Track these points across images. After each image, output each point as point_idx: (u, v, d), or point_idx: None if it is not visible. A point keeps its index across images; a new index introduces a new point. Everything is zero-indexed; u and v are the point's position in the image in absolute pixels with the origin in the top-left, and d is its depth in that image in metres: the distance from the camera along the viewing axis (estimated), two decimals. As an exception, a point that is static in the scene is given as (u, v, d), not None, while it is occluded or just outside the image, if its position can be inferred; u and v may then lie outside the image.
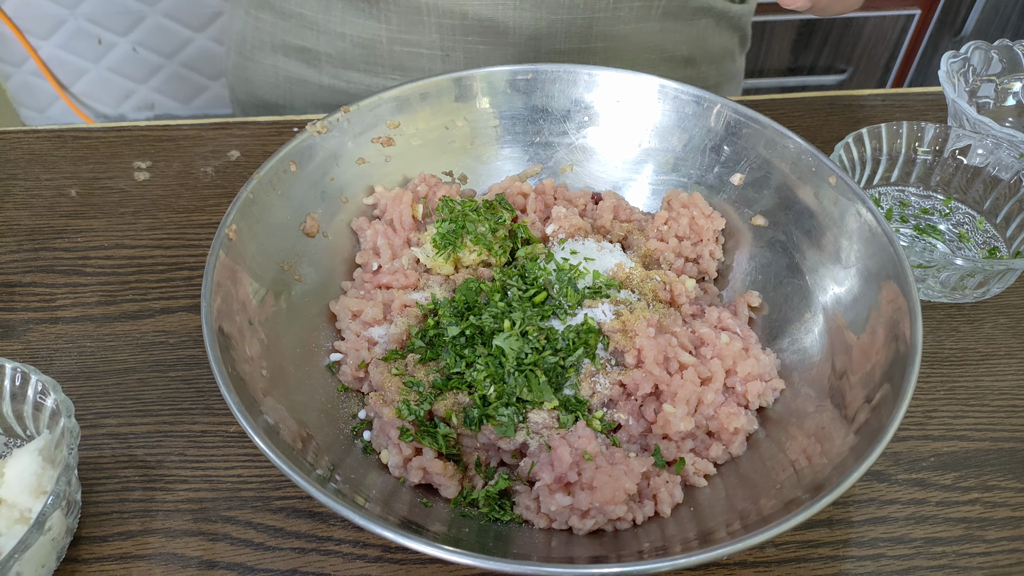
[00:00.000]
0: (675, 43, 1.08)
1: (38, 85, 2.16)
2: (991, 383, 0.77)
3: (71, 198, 0.92)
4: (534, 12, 0.98)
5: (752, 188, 0.79)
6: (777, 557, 0.65)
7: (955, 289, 0.80)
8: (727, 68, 1.18)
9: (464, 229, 0.75)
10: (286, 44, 1.08)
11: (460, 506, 0.63)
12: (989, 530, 0.67)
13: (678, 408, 0.65)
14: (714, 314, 0.73)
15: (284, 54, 1.09)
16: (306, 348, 0.71)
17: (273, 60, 1.10)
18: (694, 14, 1.06)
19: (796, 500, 0.57)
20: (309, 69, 1.08)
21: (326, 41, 1.05)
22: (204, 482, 0.68)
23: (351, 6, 1.01)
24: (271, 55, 1.10)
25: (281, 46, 1.09)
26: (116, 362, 0.77)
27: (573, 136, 0.85)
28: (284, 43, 1.08)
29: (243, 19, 1.12)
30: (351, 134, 0.79)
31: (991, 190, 0.88)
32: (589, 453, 0.61)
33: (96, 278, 0.84)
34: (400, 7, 0.98)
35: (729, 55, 1.17)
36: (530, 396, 0.64)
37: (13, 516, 0.59)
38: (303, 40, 1.06)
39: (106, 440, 0.71)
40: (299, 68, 1.09)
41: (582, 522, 0.60)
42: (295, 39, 1.07)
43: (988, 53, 0.98)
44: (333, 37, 1.04)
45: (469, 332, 0.68)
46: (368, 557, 0.64)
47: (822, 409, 0.66)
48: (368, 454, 0.66)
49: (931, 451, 0.72)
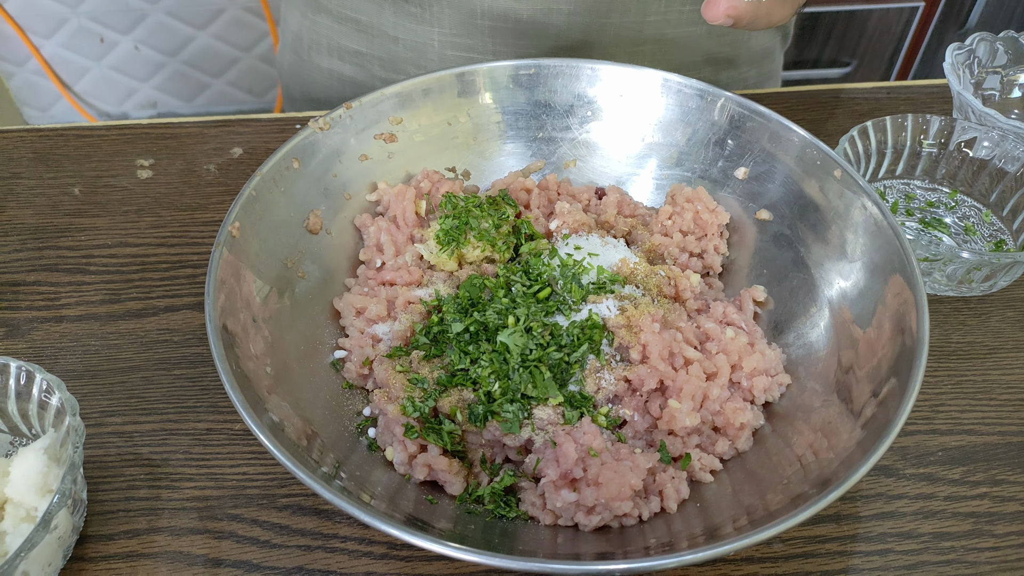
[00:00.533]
0: (720, 45, 1.07)
1: (40, 84, 2.16)
2: (999, 377, 0.76)
3: (74, 196, 0.92)
4: (585, 17, 0.98)
5: (756, 182, 0.79)
6: (784, 552, 0.65)
7: (962, 282, 0.79)
8: (767, 67, 1.18)
9: (468, 225, 0.75)
10: (341, 47, 1.10)
11: (465, 503, 0.63)
12: (998, 525, 0.66)
13: (684, 404, 0.64)
14: (719, 309, 0.73)
15: (339, 57, 1.11)
16: (310, 345, 0.71)
17: (329, 63, 1.12)
18: None
19: (803, 495, 0.56)
20: (361, 71, 1.10)
21: (379, 45, 1.06)
22: (209, 480, 0.68)
23: (403, 10, 1.01)
24: (327, 57, 1.12)
25: (336, 49, 1.10)
26: (121, 360, 0.77)
27: (576, 131, 0.85)
28: (339, 46, 1.10)
29: (299, 20, 1.14)
30: (354, 130, 0.79)
31: (997, 182, 0.87)
32: (595, 449, 0.61)
33: (100, 276, 0.84)
34: (453, 10, 0.99)
35: (769, 55, 1.17)
36: (535, 392, 0.64)
37: (19, 515, 0.59)
38: (357, 44, 1.08)
39: (111, 438, 0.71)
40: (352, 71, 1.11)
41: (588, 518, 0.60)
42: (349, 43, 1.08)
43: (993, 45, 0.98)
44: (386, 41, 1.05)
45: (473, 328, 0.68)
46: (374, 554, 0.64)
47: (828, 404, 0.65)
48: (373, 451, 0.66)
49: (939, 445, 0.71)
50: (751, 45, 1.11)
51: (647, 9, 0.99)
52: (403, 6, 1.01)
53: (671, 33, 1.02)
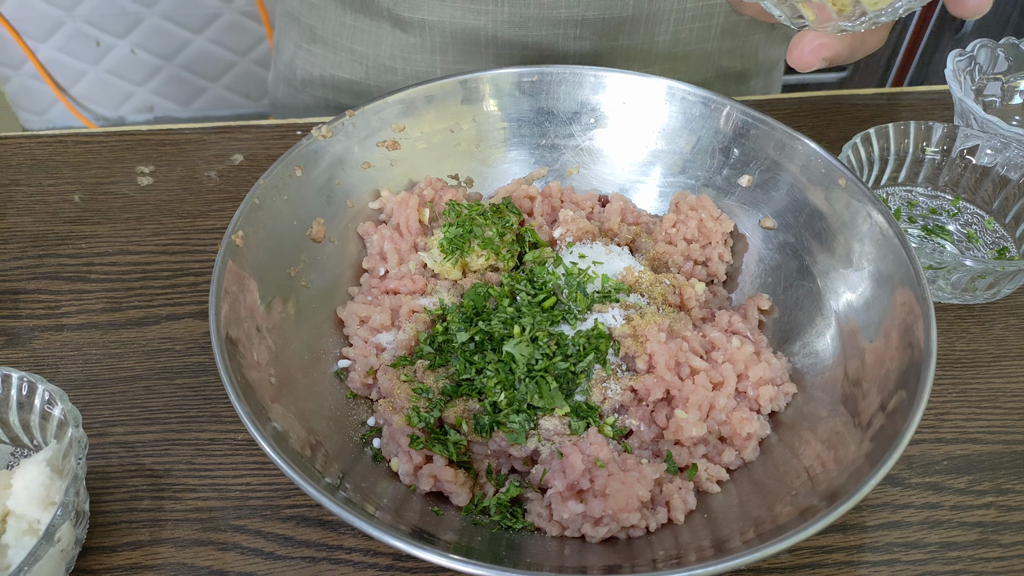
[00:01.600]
0: (731, 59, 1.07)
1: (37, 88, 2.15)
2: (1003, 385, 0.76)
3: (74, 204, 0.91)
4: (593, 41, 0.97)
5: (761, 190, 0.78)
6: (791, 563, 0.64)
7: (965, 290, 0.79)
8: (774, 78, 1.18)
9: (471, 233, 0.75)
10: (336, 78, 1.09)
11: (471, 514, 0.63)
12: (1005, 534, 0.66)
13: (690, 413, 0.64)
14: (724, 318, 0.72)
15: (334, 86, 1.10)
16: (314, 354, 0.71)
17: (323, 93, 1.11)
18: (749, 28, 1.05)
19: (811, 508, 0.56)
20: (358, 100, 1.08)
21: (375, 75, 1.05)
22: (213, 491, 0.68)
23: (405, 42, 1.00)
24: (320, 88, 1.11)
25: (331, 79, 1.09)
26: (122, 370, 0.76)
27: (579, 138, 0.85)
28: (334, 77, 1.09)
29: (293, 51, 1.12)
30: (356, 138, 0.78)
31: (1000, 190, 0.87)
32: (601, 460, 0.61)
33: (101, 284, 0.83)
34: (459, 40, 0.97)
35: (776, 66, 1.17)
36: (541, 402, 0.64)
37: (22, 528, 0.58)
38: (352, 74, 1.07)
39: (113, 449, 0.70)
40: (348, 99, 1.10)
41: (595, 530, 0.59)
42: (345, 73, 1.07)
43: (994, 51, 0.98)
44: (383, 71, 1.04)
45: (478, 338, 0.67)
46: (379, 566, 0.64)
47: (835, 414, 0.65)
48: (378, 462, 0.65)
49: (944, 454, 0.71)
50: (759, 57, 1.11)
51: (656, 29, 0.98)
52: (402, 36, 1.00)
53: (681, 51, 1.02)
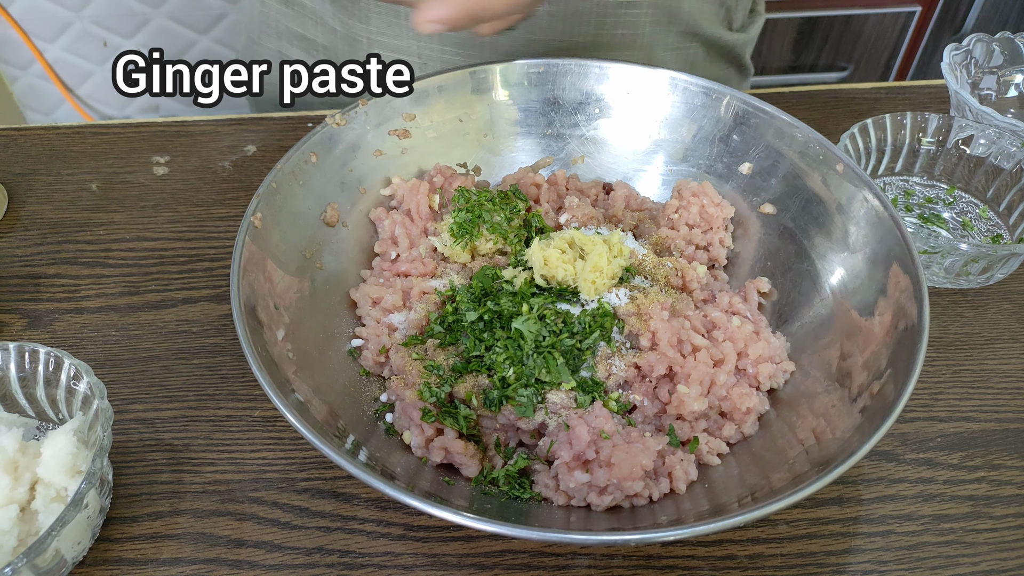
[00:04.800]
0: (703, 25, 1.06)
1: (44, 87, 2.18)
2: (995, 366, 0.78)
3: (92, 192, 0.94)
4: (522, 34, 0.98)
5: (760, 177, 0.81)
6: (789, 534, 0.67)
7: (959, 275, 0.82)
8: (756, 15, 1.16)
9: (480, 219, 0.77)
10: (289, 31, 1.12)
11: (481, 484, 0.65)
12: (995, 507, 0.68)
13: (692, 389, 0.66)
14: (725, 299, 0.75)
15: (288, 40, 1.13)
16: (328, 334, 0.73)
17: (278, 45, 1.14)
18: (681, 39, 1.05)
19: (805, 475, 0.58)
20: (308, 56, 1.12)
21: (322, 33, 1.09)
22: (230, 464, 0.70)
23: (336, 4, 1.03)
24: (276, 40, 1.14)
25: (285, 32, 1.13)
26: (141, 350, 0.79)
27: (584, 128, 0.87)
28: (288, 30, 1.12)
29: (252, 3, 1.16)
30: (369, 126, 0.81)
31: (993, 179, 0.89)
32: (606, 432, 0.63)
33: (119, 269, 0.86)
34: (379, 9, 1.00)
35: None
36: (548, 377, 0.66)
37: (50, 495, 0.61)
38: (303, 28, 1.10)
39: (133, 425, 0.73)
40: (300, 55, 1.13)
41: (600, 498, 0.62)
42: (297, 27, 1.11)
43: (990, 46, 1.00)
44: (326, 30, 1.08)
45: (487, 317, 0.70)
46: (391, 535, 0.66)
47: (830, 390, 0.67)
48: (391, 435, 0.68)
49: (938, 432, 0.73)
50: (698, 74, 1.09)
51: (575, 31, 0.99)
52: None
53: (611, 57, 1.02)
